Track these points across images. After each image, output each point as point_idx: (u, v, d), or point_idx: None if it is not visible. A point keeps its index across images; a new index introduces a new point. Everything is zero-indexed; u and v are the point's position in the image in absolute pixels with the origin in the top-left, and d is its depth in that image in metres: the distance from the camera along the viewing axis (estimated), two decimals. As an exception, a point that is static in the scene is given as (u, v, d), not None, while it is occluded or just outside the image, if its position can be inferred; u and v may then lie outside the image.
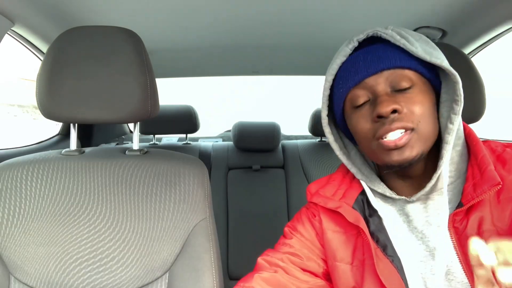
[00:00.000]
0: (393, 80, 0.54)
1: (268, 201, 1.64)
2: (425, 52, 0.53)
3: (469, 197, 0.51)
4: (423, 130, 0.53)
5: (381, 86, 0.54)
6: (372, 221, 0.60)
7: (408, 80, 0.54)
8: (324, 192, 0.66)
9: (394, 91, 0.54)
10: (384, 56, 0.54)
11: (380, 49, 0.55)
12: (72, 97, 0.71)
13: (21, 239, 0.72)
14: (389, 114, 0.52)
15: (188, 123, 1.79)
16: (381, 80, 0.54)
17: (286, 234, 0.69)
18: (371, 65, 0.54)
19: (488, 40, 1.17)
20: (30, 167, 0.76)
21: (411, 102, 0.53)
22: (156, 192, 0.75)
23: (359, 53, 0.57)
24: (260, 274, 0.62)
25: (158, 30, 1.21)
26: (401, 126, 0.52)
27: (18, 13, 0.97)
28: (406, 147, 0.53)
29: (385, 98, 0.53)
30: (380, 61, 0.54)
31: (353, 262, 0.61)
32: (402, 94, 0.53)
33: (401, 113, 0.52)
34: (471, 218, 0.52)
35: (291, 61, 1.61)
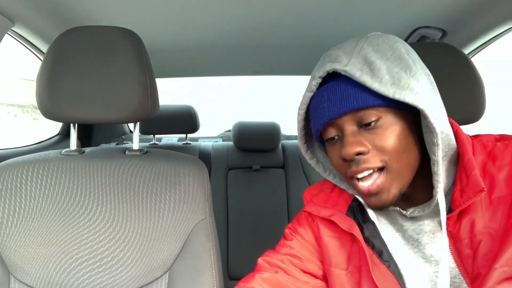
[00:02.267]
0: (358, 118, 0.52)
1: (268, 201, 1.64)
2: (392, 81, 0.49)
3: (457, 203, 0.50)
4: (395, 166, 0.51)
5: (347, 124, 0.53)
6: (366, 227, 0.59)
7: (374, 115, 0.51)
8: (317, 200, 0.66)
9: (361, 126, 0.52)
10: (345, 96, 0.52)
11: (342, 87, 0.52)
12: (72, 97, 0.71)
13: (21, 239, 0.72)
14: (353, 157, 0.51)
15: (188, 123, 1.79)
16: (347, 119, 0.53)
17: (286, 235, 0.69)
18: (334, 107, 0.52)
19: (488, 40, 1.16)
20: (30, 167, 0.76)
21: (379, 138, 0.51)
22: (156, 192, 0.75)
23: (323, 91, 0.54)
24: (261, 274, 0.62)
25: (158, 30, 1.21)
26: (367, 167, 0.51)
27: (18, 13, 0.97)
28: (381, 192, 0.52)
29: (350, 140, 0.52)
30: (343, 103, 0.52)
31: (348, 268, 0.60)
32: (369, 131, 0.51)
33: (367, 153, 0.51)
34: (463, 221, 0.51)
35: (291, 61, 1.61)
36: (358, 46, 0.53)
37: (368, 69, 0.50)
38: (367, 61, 0.51)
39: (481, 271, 0.48)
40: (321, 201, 0.65)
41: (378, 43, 0.53)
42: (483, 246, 0.49)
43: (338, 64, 0.52)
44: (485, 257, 0.48)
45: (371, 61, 0.50)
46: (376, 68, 0.50)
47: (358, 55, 0.52)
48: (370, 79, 0.49)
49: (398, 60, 0.51)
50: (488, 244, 0.49)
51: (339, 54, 0.53)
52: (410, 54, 0.53)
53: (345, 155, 0.51)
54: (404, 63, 0.51)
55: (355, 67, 0.50)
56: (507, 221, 0.48)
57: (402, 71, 0.50)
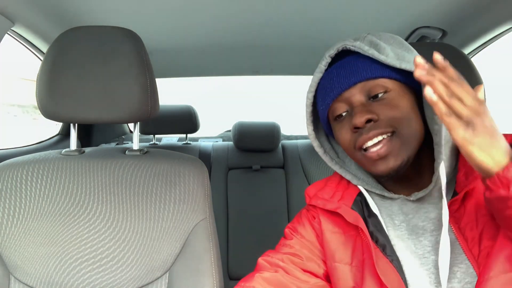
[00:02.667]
0: (367, 90, 0.55)
1: (268, 201, 1.64)
2: (397, 57, 0.54)
3: (462, 185, 0.52)
4: (404, 133, 0.53)
5: (356, 97, 0.56)
6: (371, 222, 0.60)
7: (382, 87, 0.55)
8: (322, 194, 0.66)
9: (370, 99, 0.55)
10: (354, 69, 0.56)
11: (351, 62, 0.57)
12: (72, 97, 0.71)
13: (21, 239, 0.72)
14: (364, 124, 0.53)
15: (188, 123, 1.79)
16: (356, 91, 0.56)
17: (286, 235, 0.70)
18: (344, 80, 0.56)
19: (488, 40, 1.17)
20: (30, 167, 0.76)
21: (387, 107, 0.54)
22: (156, 192, 0.75)
23: (333, 69, 0.59)
24: (261, 273, 0.62)
25: (158, 30, 1.21)
26: (378, 133, 0.53)
27: (18, 13, 0.97)
28: (390, 156, 0.53)
29: (360, 109, 0.54)
30: (352, 75, 0.55)
31: (352, 263, 0.61)
32: (377, 101, 0.54)
33: (377, 121, 0.53)
34: (468, 205, 0.52)
35: (291, 61, 1.61)
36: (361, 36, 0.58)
37: (374, 48, 0.55)
38: (372, 44, 0.56)
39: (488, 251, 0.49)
40: (326, 195, 0.66)
41: (380, 35, 0.58)
42: (488, 227, 0.50)
43: (347, 41, 0.57)
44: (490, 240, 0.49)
45: (376, 43, 0.56)
46: (382, 48, 0.55)
47: (364, 40, 0.57)
48: (377, 53, 0.54)
49: (400, 45, 0.57)
50: (493, 225, 0.50)
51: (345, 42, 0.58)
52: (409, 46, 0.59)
53: (357, 122, 0.53)
54: (405, 46, 0.58)
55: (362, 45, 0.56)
56: None
57: (405, 51, 0.56)
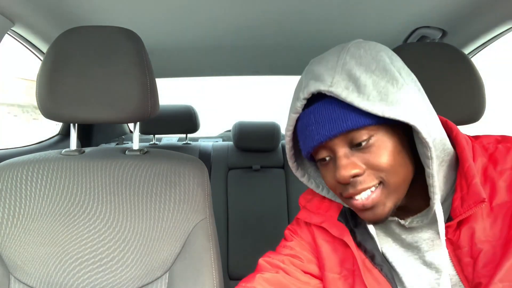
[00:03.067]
0: (349, 139, 0.50)
1: (268, 201, 1.64)
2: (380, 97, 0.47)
3: (457, 212, 0.49)
4: (391, 181, 0.50)
5: (338, 146, 0.51)
6: (358, 232, 0.59)
7: (365, 134, 0.49)
8: (311, 206, 0.66)
9: (353, 146, 0.50)
10: (334, 117, 0.49)
11: (329, 108, 0.50)
12: (72, 97, 0.71)
13: (21, 239, 0.72)
14: (349, 180, 0.50)
15: (188, 123, 1.79)
16: (338, 141, 0.50)
17: (286, 236, 0.70)
18: (323, 129, 0.50)
19: (488, 40, 1.16)
20: (30, 167, 0.76)
21: (372, 157, 0.49)
22: (156, 192, 0.75)
23: (310, 114, 0.52)
24: (262, 274, 0.62)
25: (158, 30, 1.21)
26: (365, 187, 0.50)
27: (18, 13, 0.97)
28: (377, 206, 0.51)
29: (343, 163, 0.50)
30: (331, 125, 0.49)
31: (342, 272, 0.61)
32: (361, 151, 0.50)
33: (363, 174, 0.50)
34: (463, 230, 0.50)
35: (291, 61, 1.61)
36: (340, 60, 0.50)
37: (353, 86, 0.48)
38: (351, 77, 0.48)
39: (482, 281, 0.47)
40: (314, 207, 0.66)
41: (360, 55, 0.50)
42: (484, 255, 0.48)
43: (322, 84, 0.49)
44: (486, 266, 0.47)
45: (356, 77, 0.48)
46: (362, 85, 0.48)
47: (342, 71, 0.49)
48: (357, 98, 0.47)
49: (383, 72, 0.49)
50: (488, 253, 0.48)
51: (321, 72, 0.50)
52: (394, 62, 0.52)
53: (341, 179, 0.50)
54: (390, 75, 0.49)
55: (340, 86, 0.48)
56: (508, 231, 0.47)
57: (389, 84, 0.48)
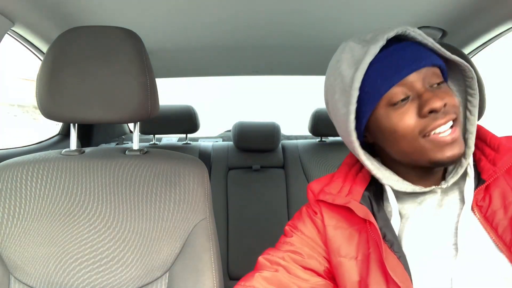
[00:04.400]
0: (429, 77, 0.55)
1: (268, 201, 1.64)
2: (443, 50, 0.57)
3: (491, 172, 0.54)
4: (460, 120, 0.57)
5: (420, 83, 0.55)
6: (379, 217, 0.60)
7: (438, 76, 0.56)
8: (329, 189, 0.65)
9: (430, 86, 0.55)
10: (419, 54, 0.55)
11: (412, 47, 0.56)
12: (72, 97, 0.71)
13: (21, 239, 0.72)
14: (442, 108, 0.53)
15: (188, 123, 1.79)
16: (420, 77, 0.55)
17: (286, 232, 0.69)
18: (412, 62, 0.54)
19: (488, 40, 1.17)
20: (30, 167, 0.76)
21: (448, 94, 0.55)
22: (156, 192, 0.75)
23: (393, 50, 0.56)
24: (261, 273, 0.62)
25: (158, 30, 1.21)
26: (450, 118, 0.54)
27: (18, 13, 0.97)
28: (457, 142, 0.55)
29: (432, 94, 0.54)
30: (421, 59, 0.55)
31: (358, 257, 0.61)
32: (438, 89, 0.55)
33: (447, 106, 0.54)
34: (493, 193, 0.54)
35: (291, 61, 1.61)
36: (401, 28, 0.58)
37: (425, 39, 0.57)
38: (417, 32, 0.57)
39: None
40: (333, 190, 0.65)
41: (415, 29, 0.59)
42: None
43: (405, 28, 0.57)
44: None
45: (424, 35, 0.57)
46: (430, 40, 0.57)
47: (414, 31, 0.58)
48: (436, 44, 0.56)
49: None
50: None
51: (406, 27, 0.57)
52: None
53: (437, 106, 0.52)
54: None
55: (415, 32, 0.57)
56: None
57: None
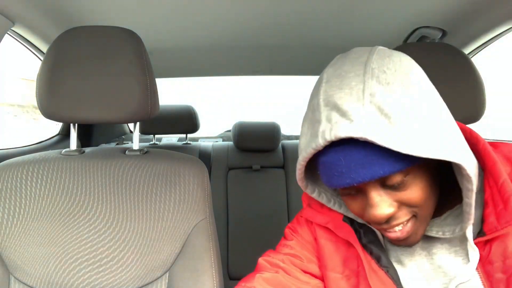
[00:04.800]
0: (382, 180, 0.47)
1: (268, 201, 1.64)
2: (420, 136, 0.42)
3: (492, 228, 0.48)
4: (423, 214, 0.50)
5: (370, 187, 0.47)
6: (364, 232, 0.59)
7: (400, 176, 0.46)
8: (315, 204, 0.65)
9: (386, 186, 0.47)
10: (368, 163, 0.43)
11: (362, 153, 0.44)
12: (72, 97, 0.71)
13: (21, 239, 0.72)
14: (385, 220, 0.48)
15: (188, 123, 1.79)
16: (370, 183, 0.47)
17: (286, 235, 0.69)
18: (356, 174, 0.44)
19: (488, 40, 1.16)
20: (30, 167, 0.76)
21: (406, 195, 0.47)
22: (156, 192, 0.75)
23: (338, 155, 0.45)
24: (262, 274, 0.62)
25: (158, 30, 1.21)
26: (400, 222, 0.49)
27: (18, 13, 0.97)
28: (410, 236, 0.51)
29: (377, 201, 0.47)
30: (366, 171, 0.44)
31: (344, 272, 0.60)
32: (394, 190, 0.47)
33: (397, 212, 0.48)
34: (494, 244, 0.49)
35: (291, 61, 1.61)
36: (367, 88, 0.43)
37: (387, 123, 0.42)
38: (383, 113, 0.42)
39: None
40: (318, 205, 0.65)
41: (388, 81, 0.44)
42: None
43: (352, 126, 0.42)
44: None
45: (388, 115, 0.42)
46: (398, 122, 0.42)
47: (370, 105, 0.42)
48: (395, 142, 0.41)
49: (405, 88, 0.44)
50: None
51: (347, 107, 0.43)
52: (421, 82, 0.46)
53: (376, 220, 0.47)
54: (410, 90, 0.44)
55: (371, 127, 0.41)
56: None
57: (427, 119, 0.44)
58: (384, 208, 0.47)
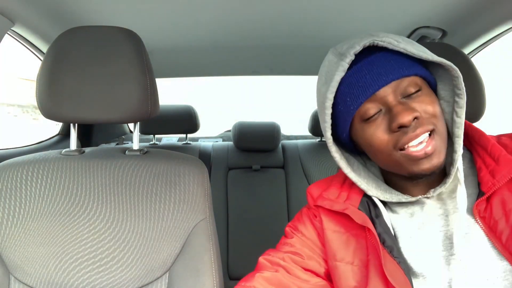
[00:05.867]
0: (401, 88, 0.54)
1: (268, 201, 1.64)
2: (423, 50, 0.54)
3: (490, 184, 0.53)
4: (441, 129, 0.54)
5: (391, 96, 0.54)
6: (378, 223, 0.59)
7: (415, 85, 0.54)
8: (328, 195, 0.65)
9: (404, 97, 0.54)
10: (389, 66, 0.53)
11: (382, 59, 0.54)
12: (72, 97, 0.71)
13: (21, 239, 0.72)
14: (411, 122, 0.52)
15: (188, 123, 1.79)
16: (391, 90, 0.54)
17: (287, 233, 0.69)
18: (379, 78, 0.53)
19: (488, 40, 1.17)
20: (30, 167, 0.76)
21: (424, 104, 0.53)
22: (156, 192, 0.75)
23: (362, 66, 0.55)
24: (262, 273, 0.62)
25: (158, 30, 1.21)
26: (424, 130, 0.52)
27: (18, 13, 0.97)
28: (434, 154, 0.53)
29: (402, 108, 0.52)
30: (388, 73, 0.53)
31: (354, 262, 0.60)
32: (413, 99, 0.54)
33: (420, 118, 0.53)
34: (494, 203, 0.53)
35: (291, 61, 1.61)
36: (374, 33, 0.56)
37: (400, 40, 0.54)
38: (394, 38, 0.54)
39: None
40: (331, 195, 0.65)
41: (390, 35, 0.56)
42: None
43: (374, 37, 0.54)
44: None
45: (399, 40, 0.54)
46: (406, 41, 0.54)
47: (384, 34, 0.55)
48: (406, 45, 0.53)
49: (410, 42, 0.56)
50: None
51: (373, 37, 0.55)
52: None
53: (405, 120, 0.51)
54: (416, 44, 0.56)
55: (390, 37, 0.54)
56: None
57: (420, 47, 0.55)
58: (410, 110, 0.52)
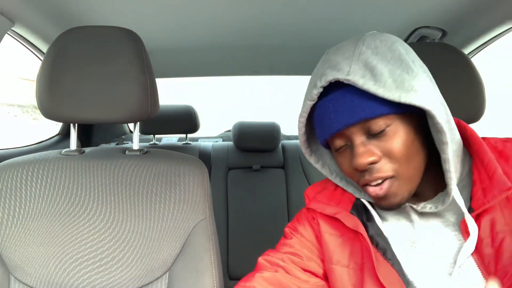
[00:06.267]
0: (366, 127, 0.52)
1: (268, 201, 1.64)
2: (396, 84, 0.49)
3: (480, 203, 0.51)
4: (404, 173, 0.52)
5: (356, 135, 0.53)
6: (370, 226, 0.60)
7: (383, 123, 0.51)
8: (321, 197, 0.66)
9: (370, 135, 0.53)
10: (352, 106, 0.51)
11: (347, 97, 0.51)
12: (72, 97, 0.71)
13: (21, 239, 0.72)
14: (366, 167, 0.52)
15: (188, 123, 1.79)
16: (355, 129, 0.53)
17: (286, 234, 0.70)
18: (342, 118, 0.52)
19: (488, 40, 1.16)
20: (30, 167, 0.76)
21: (388, 145, 0.51)
22: (156, 192, 0.75)
23: (328, 103, 0.53)
24: (261, 273, 0.62)
25: (158, 30, 1.21)
26: (380, 176, 0.52)
27: (18, 13, 0.97)
28: (389, 195, 0.53)
29: (361, 150, 0.52)
30: (350, 113, 0.51)
31: (350, 265, 0.61)
32: (378, 139, 0.52)
33: (379, 162, 0.52)
34: (482, 221, 0.51)
35: (291, 61, 1.61)
36: (357, 50, 0.52)
37: (370, 74, 0.50)
38: (368, 66, 0.50)
39: (509, 269, 0.48)
40: (325, 198, 0.66)
41: (376, 46, 0.52)
42: (507, 244, 0.49)
43: (339, 73, 0.51)
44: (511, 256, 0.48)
45: (372, 65, 0.50)
46: (378, 73, 0.49)
47: (358, 60, 0.51)
48: (373, 85, 0.49)
49: (398, 62, 0.51)
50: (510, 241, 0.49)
51: (339, 60, 0.53)
52: (409, 53, 0.54)
53: (358, 166, 0.52)
54: (404, 64, 0.51)
55: (357, 74, 0.50)
56: None
57: (404, 72, 0.50)
58: (367, 154, 0.52)
